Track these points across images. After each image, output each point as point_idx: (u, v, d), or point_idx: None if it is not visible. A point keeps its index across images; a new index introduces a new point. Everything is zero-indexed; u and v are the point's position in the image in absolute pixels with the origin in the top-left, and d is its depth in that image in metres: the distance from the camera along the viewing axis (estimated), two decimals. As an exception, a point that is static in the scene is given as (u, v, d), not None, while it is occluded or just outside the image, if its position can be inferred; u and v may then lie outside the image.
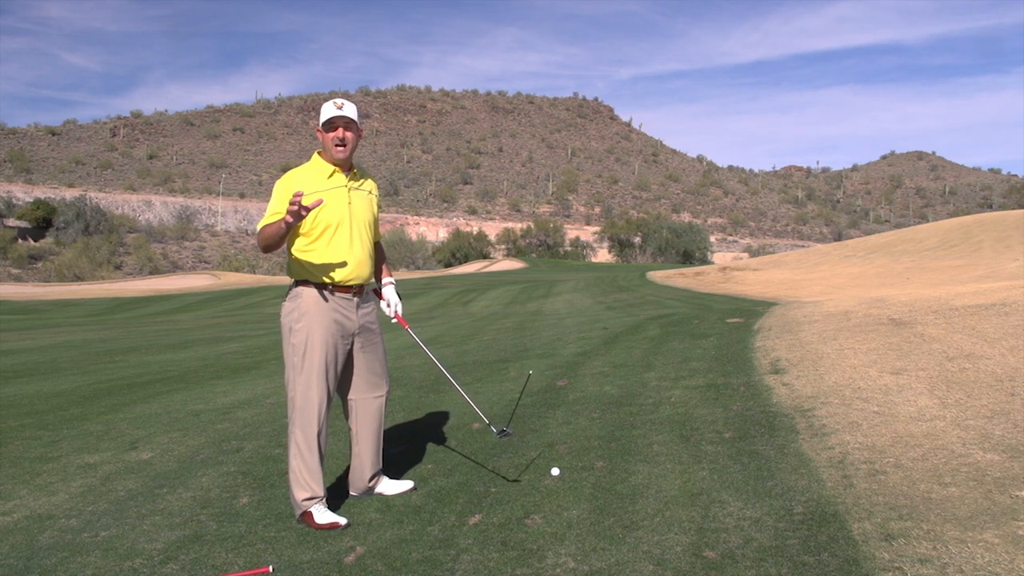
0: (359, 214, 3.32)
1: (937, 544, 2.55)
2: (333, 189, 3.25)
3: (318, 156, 3.33)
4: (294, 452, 3.23)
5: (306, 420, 3.23)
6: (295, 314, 3.26)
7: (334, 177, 3.28)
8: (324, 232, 3.23)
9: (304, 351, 3.22)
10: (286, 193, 3.14)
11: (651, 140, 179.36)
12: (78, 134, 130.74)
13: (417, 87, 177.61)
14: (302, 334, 3.23)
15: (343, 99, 3.30)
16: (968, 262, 21.89)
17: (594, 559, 2.69)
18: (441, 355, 7.75)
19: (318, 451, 3.25)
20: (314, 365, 3.22)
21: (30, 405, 6.17)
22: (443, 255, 71.41)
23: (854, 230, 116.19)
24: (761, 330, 7.66)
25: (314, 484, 3.22)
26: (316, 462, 3.24)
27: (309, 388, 3.22)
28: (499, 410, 5.01)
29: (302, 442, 3.22)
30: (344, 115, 3.23)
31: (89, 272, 53.93)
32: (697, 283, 23.41)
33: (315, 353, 3.21)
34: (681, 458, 3.71)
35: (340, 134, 3.23)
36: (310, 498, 3.21)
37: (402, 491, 3.55)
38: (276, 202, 3.18)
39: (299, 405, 3.23)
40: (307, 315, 3.24)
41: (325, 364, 3.23)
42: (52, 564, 2.94)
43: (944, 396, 4.30)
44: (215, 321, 18.22)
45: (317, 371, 3.22)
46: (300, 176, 3.25)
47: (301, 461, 3.22)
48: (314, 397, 3.22)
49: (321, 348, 3.22)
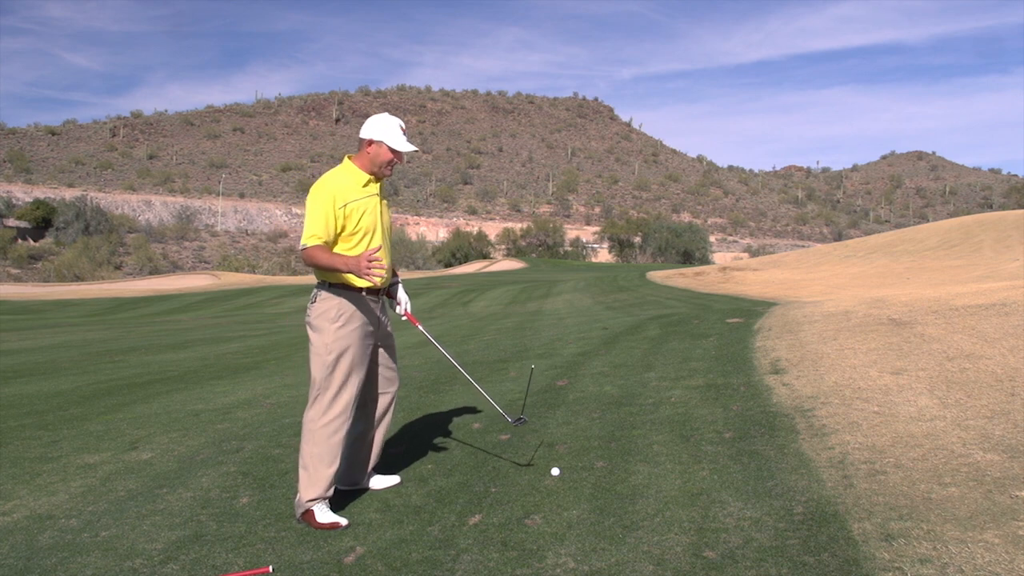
0: (386, 221, 3.47)
1: (937, 544, 2.55)
2: (369, 197, 3.36)
3: (352, 163, 3.39)
4: (312, 452, 3.25)
5: (334, 421, 3.27)
6: (330, 315, 3.31)
7: (368, 186, 3.37)
8: (362, 239, 3.34)
9: (339, 353, 3.28)
10: (330, 204, 3.21)
11: (651, 140, 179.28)
12: (78, 134, 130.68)
13: (417, 87, 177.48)
14: (336, 336, 3.28)
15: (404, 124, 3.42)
16: (968, 262, 21.89)
17: (594, 559, 2.69)
18: (441, 355, 7.76)
19: (340, 453, 3.30)
20: (347, 366, 3.29)
21: (30, 405, 6.17)
22: (443, 255, 71.38)
23: (854, 230, 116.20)
24: (761, 330, 7.66)
25: (326, 485, 3.25)
26: (336, 464, 3.28)
27: (342, 390, 3.29)
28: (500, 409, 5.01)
29: (324, 442, 3.26)
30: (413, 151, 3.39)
31: (89, 272, 53.91)
32: (697, 283, 23.42)
33: (349, 355, 3.29)
34: (681, 458, 3.71)
35: (400, 163, 3.39)
36: (315, 498, 3.23)
37: (389, 485, 3.63)
38: (320, 216, 3.22)
39: (327, 406, 3.28)
40: (341, 317, 3.30)
41: (355, 365, 3.31)
42: (52, 564, 2.94)
43: (944, 396, 4.30)
44: (215, 321, 18.22)
45: (350, 372, 3.29)
46: (338, 184, 3.31)
47: (320, 461, 3.25)
48: (345, 398, 3.29)
49: (354, 350, 3.30)
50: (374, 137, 3.32)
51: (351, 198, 3.28)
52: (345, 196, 3.27)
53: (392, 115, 3.39)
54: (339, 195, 3.26)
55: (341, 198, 3.26)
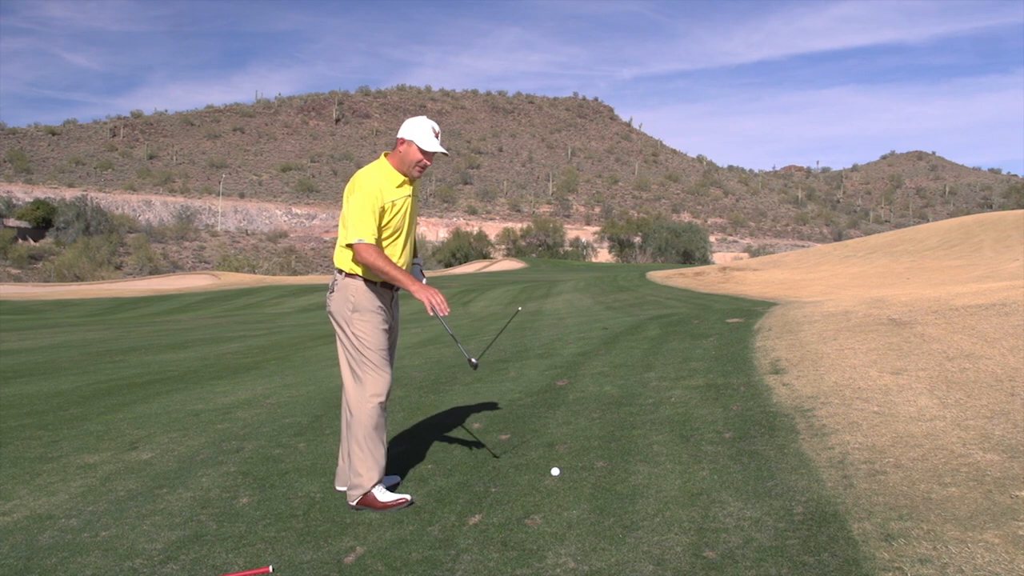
0: (413, 220, 3.59)
1: (937, 544, 2.55)
2: (404, 198, 3.48)
3: (388, 163, 3.47)
4: (367, 434, 3.37)
5: (377, 400, 3.40)
6: (354, 301, 3.43)
7: (403, 187, 3.48)
8: (392, 236, 3.47)
9: (366, 335, 3.41)
10: (378, 201, 3.34)
11: (651, 140, 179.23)
12: (78, 134, 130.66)
13: (417, 87, 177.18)
14: (360, 320, 3.41)
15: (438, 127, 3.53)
16: (968, 262, 21.89)
17: (594, 559, 2.69)
18: (441, 355, 7.77)
19: (385, 433, 3.47)
20: (377, 348, 3.42)
21: (30, 405, 6.17)
22: (443, 255, 71.38)
23: (854, 230, 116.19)
24: (761, 330, 7.66)
25: (383, 465, 3.41)
26: (385, 443, 3.46)
27: (379, 369, 3.42)
28: (500, 410, 5.01)
29: (374, 422, 3.39)
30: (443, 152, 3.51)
31: (89, 272, 53.92)
32: (697, 283, 23.42)
33: (375, 337, 3.42)
34: (681, 458, 3.71)
35: (428, 164, 3.47)
36: (378, 480, 3.37)
37: (389, 485, 3.65)
38: (370, 213, 3.32)
39: (368, 388, 3.40)
40: (364, 304, 3.43)
41: (382, 347, 3.45)
42: (52, 564, 2.94)
43: (944, 396, 4.30)
44: (215, 321, 18.22)
45: (381, 353, 3.44)
46: (381, 184, 3.41)
47: (375, 442, 3.38)
48: (387, 378, 3.44)
49: (379, 333, 3.44)
50: (406, 137, 3.43)
51: (391, 197, 3.41)
52: (387, 194, 3.39)
53: (428, 118, 3.49)
54: (384, 192, 3.38)
55: (386, 195, 3.38)
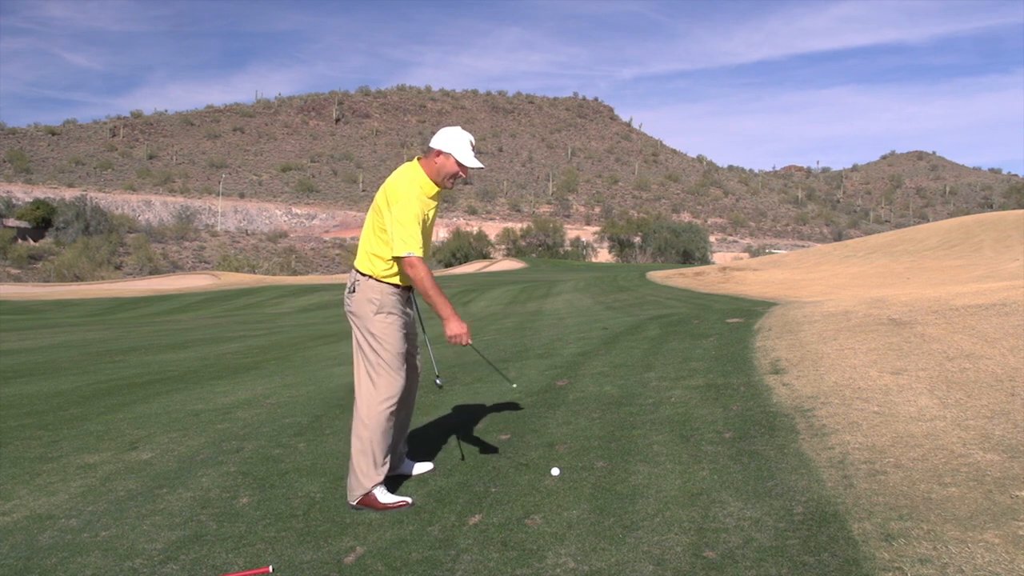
0: (432, 228, 3.63)
1: (937, 544, 2.55)
2: (434, 208, 3.54)
3: (423, 172, 3.47)
4: (371, 436, 3.38)
5: (387, 402, 3.41)
6: (373, 302, 3.43)
7: (435, 197, 3.53)
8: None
9: (389, 341, 3.42)
10: (422, 210, 3.38)
11: (651, 140, 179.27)
12: (78, 134, 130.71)
13: (417, 87, 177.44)
14: (379, 321, 3.42)
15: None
16: (968, 262, 21.89)
17: (594, 559, 2.69)
18: (441, 355, 7.76)
19: (392, 435, 3.48)
20: (394, 349, 3.43)
21: (30, 405, 6.17)
22: (443, 255, 71.36)
23: (854, 230, 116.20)
24: (761, 330, 7.66)
25: (385, 467, 3.43)
26: (389, 446, 3.47)
27: (392, 372, 3.43)
28: (500, 410, 5.01)
29: (381, 425, 3.39)
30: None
31: (89, 272, 53.93)
32: (697, 283, 23.42)
33: (393, 338, 3.44)
34: (681, 458, 3.71)
35: (463, 178, 3.53)
36: (379, 482, 3.39)
37: (426, 471, 3.82)
38: (417, 224, 3.35)
39: (381, 389, 3.40)
40: (383, 305, 3.44)
41: (399, 348, 3.46)
42: (52, 564, 2.94)
43: (944, 396, 4.30)
44: (215, 321, 18.22)
45: (396, 355, 3.44)
46: (421, 194, 3.43)
47: (379, 445, 3.39)
48: (399, 381, 3.44)
49: (397, 334, 3.46)
50: (444, 148, 3.43)
51: (428, 208, 3.45)
52: (426, 205, 3.43)
53: (464, 130, 3.51)
54: (424, 203, 3.42)
55: (426, 206, 3.43)
